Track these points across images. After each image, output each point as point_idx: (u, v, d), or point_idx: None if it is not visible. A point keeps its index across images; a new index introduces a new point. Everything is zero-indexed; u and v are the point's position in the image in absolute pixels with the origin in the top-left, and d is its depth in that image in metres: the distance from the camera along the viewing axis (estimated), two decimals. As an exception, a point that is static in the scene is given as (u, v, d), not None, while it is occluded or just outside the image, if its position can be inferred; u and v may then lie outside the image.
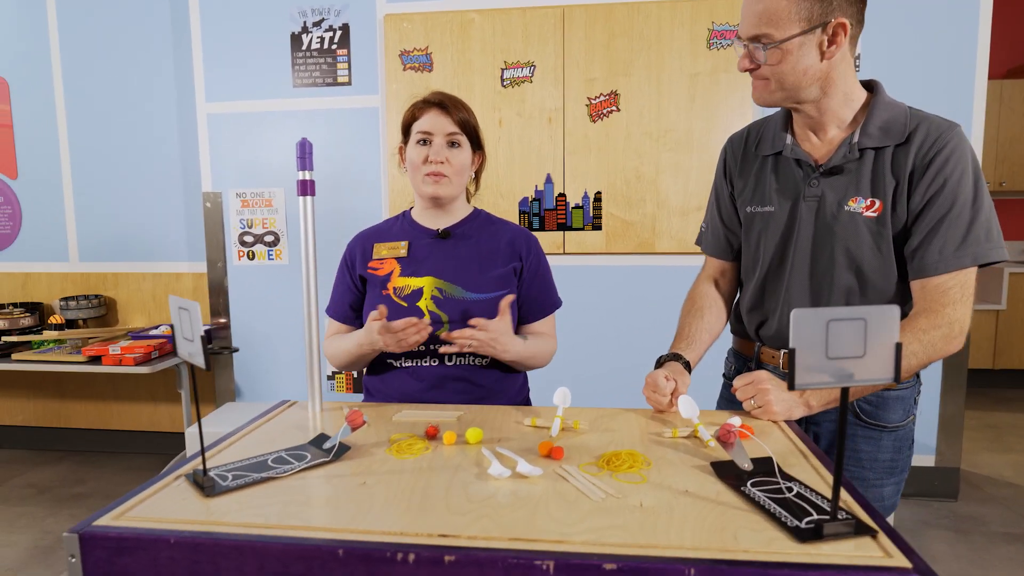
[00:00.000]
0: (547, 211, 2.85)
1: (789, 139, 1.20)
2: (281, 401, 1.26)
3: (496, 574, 0.67)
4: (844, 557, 0.67)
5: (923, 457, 2.85)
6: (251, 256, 3.06)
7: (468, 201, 1.48)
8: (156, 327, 3.21)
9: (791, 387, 0.68)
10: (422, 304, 1.32)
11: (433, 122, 1.32)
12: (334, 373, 3.06)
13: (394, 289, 1.33)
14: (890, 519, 2.38)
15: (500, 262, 1.38)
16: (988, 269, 4.13)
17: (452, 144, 1.34)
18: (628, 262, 2.86)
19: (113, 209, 3.31)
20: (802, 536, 0.70)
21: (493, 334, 1.23)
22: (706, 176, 2.74)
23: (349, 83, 2.92)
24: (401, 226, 1.42)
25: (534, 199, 2.85)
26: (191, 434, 2.69)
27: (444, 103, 1.34)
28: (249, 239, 3.05)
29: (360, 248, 1.40)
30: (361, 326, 1.34)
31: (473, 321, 1.24)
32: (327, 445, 0.97)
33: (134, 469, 3.26)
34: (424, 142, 1.33)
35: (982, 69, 2.61)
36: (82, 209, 3.33)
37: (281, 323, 3.06)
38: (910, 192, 1.09)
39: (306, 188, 1.14)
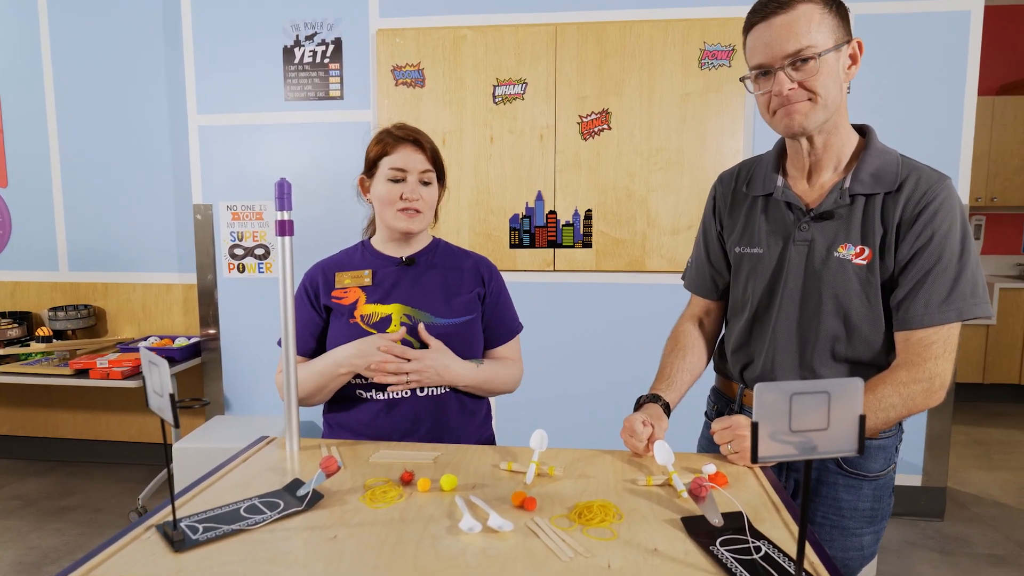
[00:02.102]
0: (537, 228, 2.85)
1: (780, 181, 1.20)
2: (260, 438, 1.26)
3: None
4: (805, 630, 0.67)
5: (909, 476, 2.86)
6: (241, 269, 3.06)
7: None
8: (145, 339, 3.21)
9: (753, 460, 0.68)
10: (392, 331, 1.32)
11: (407, 159, 1.33)
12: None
13: (362, 316, 1.33)
14: (870, 568, 2.39)
15: (464, 288, 1.41)
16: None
17: (425, 183, 1.36)
18: (618, 280, 2.87)
19: (104, 219, 3.30)
20: (765, 605, 0.71)
21: (424, 362, 1.27)
22: (697, 195, 2.75)
23: (341, 97, 2.92)
24: (362, 255, 1.42)
25: (524, 216, 2.85)
26: (178, 449, 2.68)
27: (418, 140, 1.34)
28: (239, 252, 3.04)
29: (322, 277, 1.39)
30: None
31: (409, 354, 1.27)
32: (300, 492, 0.97)
33: (122, 481, 3.25)
34: (396, 180, 1.33)
35: (972, 86, 2.62)
36: (72, 218, 3.32)
37: (271, 336, 3.06)
38: (898, 242, 1.09)
39: (284, 228, 1.14)
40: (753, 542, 0.84)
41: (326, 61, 2.90)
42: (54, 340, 3.14)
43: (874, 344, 1.14)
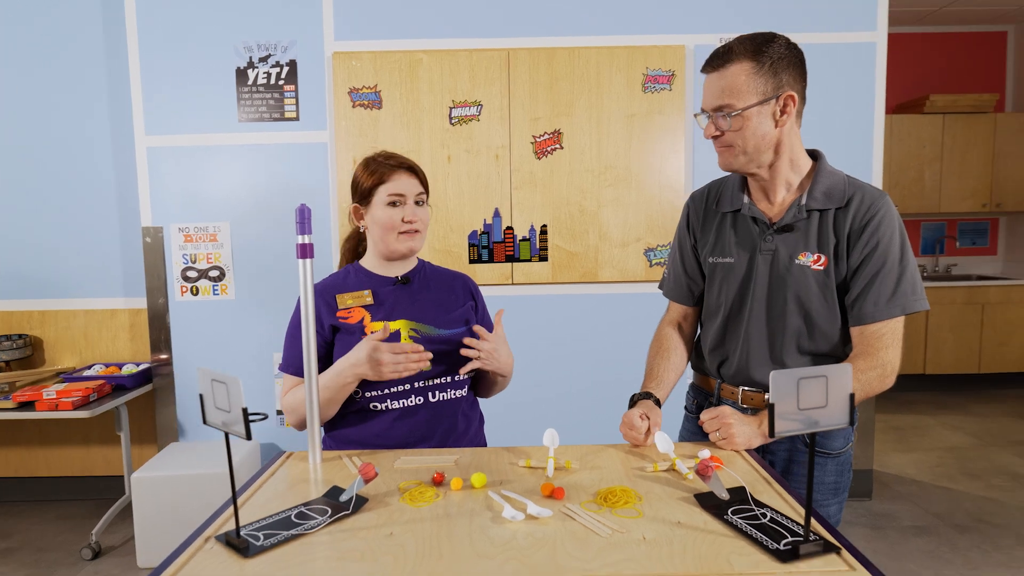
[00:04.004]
0: (495, 243, 2.96)
1: (746, 199, 1.37)
2: (279, 453, 1.30)
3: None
4: (819, 573, 0.81)
5: (841, 461, 3.14)
6: (195, 291, 3.00)
7: None
8: (89, 367, 3.08)
9: (771, 435, 0.81)
10: (401, 334, 1.40)
11: (405, 185, 1.43)
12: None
13: (372, 333, 1.40)
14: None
15: (458, 302, 1.52)
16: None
17: (418, 203, 1.46)
18: (573, 291, 3.01)
19: (38, 243, 3.16)
20: (783, 557, 0.84)
21: (495, 343, 1.40)
22: (644, 210, 2.94)
23: (297, 118, 2.94)
24: (357, 276, 1.48)
25: (483, 232, 2.96)
26: (137, 480, 2.59)
27: (411, 166, 1.45)
28: (193, 274, 2.99)
29: (322, 300, 1.43)
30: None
31: (476, 328, 1.39)
32: (343, 498, 1.03)
33: (66, 518, 3.10)
34: (395, 204, 1.42)
35: (880, 108, 2.95)
36: (2, 243, 3.16)
37: (227, 359, 3.01)
38: (848, 250, 1.28)
39: (305, 251, 1.20)
40: (759, 510, 0.98)
41: (281, 83, 2.92)
42: (-11, 373, 2.97)
43: (832, 338, 1.32)
